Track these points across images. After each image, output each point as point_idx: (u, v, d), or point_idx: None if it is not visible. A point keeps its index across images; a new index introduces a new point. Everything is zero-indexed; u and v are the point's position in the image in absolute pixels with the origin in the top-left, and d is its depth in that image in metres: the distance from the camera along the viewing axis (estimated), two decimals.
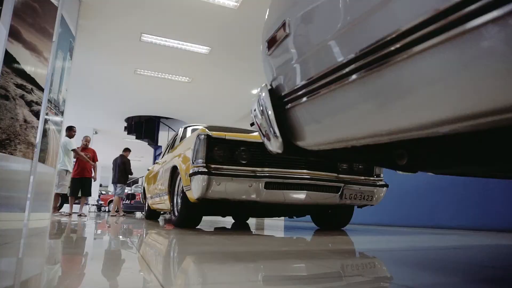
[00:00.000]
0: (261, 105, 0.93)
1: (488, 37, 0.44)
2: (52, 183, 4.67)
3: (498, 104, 0.44)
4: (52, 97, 4.25)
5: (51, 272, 1.03)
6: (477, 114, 0.47)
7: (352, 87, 0.64)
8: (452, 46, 0.49)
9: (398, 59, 0.55)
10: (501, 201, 3.76)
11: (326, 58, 0.67)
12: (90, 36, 6.32)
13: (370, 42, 0.59)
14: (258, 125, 0.98)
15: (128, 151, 8.01)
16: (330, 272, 1.04)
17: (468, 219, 4.01)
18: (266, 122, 0.91)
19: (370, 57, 0.57)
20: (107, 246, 1.95)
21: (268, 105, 0.90)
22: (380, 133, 0.61)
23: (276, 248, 1.77)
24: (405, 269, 1.17)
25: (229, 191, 2.66)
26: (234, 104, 10.05)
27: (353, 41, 0.63)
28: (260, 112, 0.94)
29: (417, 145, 0.87)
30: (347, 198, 3.10)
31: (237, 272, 1.01)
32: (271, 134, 0.89)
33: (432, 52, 0.51)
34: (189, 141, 3.08)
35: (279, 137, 0.88)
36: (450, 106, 0.51)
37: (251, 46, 6.57)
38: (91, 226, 3.72)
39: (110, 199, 16.98)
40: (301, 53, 0.78)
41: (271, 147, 0.92)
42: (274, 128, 0.88)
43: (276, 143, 0.89)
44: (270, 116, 0.89)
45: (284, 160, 2.83)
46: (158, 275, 0.93)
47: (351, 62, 0.61)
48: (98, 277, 0.96)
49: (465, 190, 4.11)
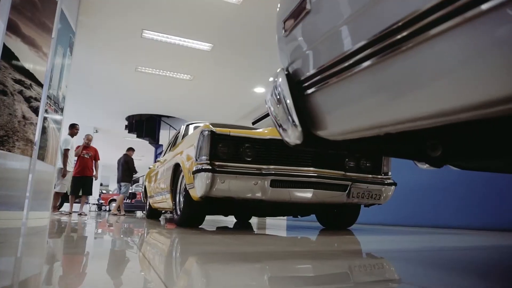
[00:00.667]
0: (277, 92, 0.85)
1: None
2: (51, 182, 4.59)
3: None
4: (52, 93, 4.16)
5: (49, 272, 0.95)
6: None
7: (395, 61, 0.55)
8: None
9: (452, 25, 0.46)
10: (508, 200, 3.67)
11: (362, 30, 0.59)
12: (91, 33, 6.24)
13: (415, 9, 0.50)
14: (273, 116, 0.89)
15: (132, 150, 8.15)
16: (342, 273, 0.96)
17: (474, 218, 3.92)
18: (283, 110, 0.83)
19: (420, 23, 0.49)
20: (107, 245, 1.86)
21: (286, 91, 0.81)
22: (427, 115, 0.52)
23: (286, 249, 1.69)
24: (427, 271, 1.08)
25: (233, 189, 2.57)
26: (236, 103, 9.96)
27: (391, 10, 0.54)
28: (276, 101, 0.86)
29: (451, 135, 0.78)
30: (354, 197, 3.01)
31: (246, 272, 0.92)
32: (289, 123, 0.80)
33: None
34: (192, 138, 2.99)
35: (298, 126, 0.79)
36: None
37: (253, 43, 6.48)
38: (91, 225, 3.64)
39: (111, 198, 16.92)
40: (325, 31, 0.69)
41: (289, 138, 0.83)
42: (293, 117, 0.79)
43: (294, 133, 0.80)
44: (288, 103, 0.80)
45: (290, 157, 2.75)
46: (162, 277, 0.85)
47: (394, 33, 0.52)
48: (99, 278, 0.88)
49: (470, 189, 4.03)
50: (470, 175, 4.04)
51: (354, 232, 3.18)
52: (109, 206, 16.61)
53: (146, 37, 6.30)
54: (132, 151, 8.15)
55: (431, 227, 4.33)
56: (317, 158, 2.80)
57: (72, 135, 6.49)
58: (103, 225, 3.74)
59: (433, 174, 4.52)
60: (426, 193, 4.59)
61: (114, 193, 17.81)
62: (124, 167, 7.80)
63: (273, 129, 2.83)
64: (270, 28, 6.07)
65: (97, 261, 1.24)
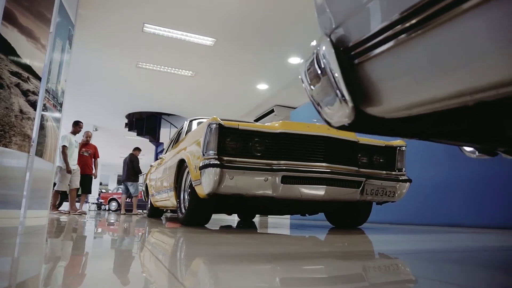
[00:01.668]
0: (320, 63, 0.70)
1: None
2: (50, 179, 4.43)
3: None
4: (50, 87, 4.00)
5: (47, 273, 0.80)
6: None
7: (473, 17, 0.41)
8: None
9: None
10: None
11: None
12: (90, 28, 6.07)
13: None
14: (313, 92, 0.75)
15: (138, 150, 8.32)
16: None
17: (490, 217, 3.77)
18: (327, 84, 0.68)
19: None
20: (111, 246, 1.72)
21: (332, 61, 0.67)
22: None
23: (312, 249, 1.54)
24: (473, 272, 0.94)
25: (242, 185, 2.42)
26: (238, 100, 9.81)
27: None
28: (317, 73, 0.71)
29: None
30: (368, 194, 2.87)
31: (261, 273, 0.78)
32: (338, 98, 0.65)
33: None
34: (198, 132, 2.84)
35: (349, 102, 0.64)
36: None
37: (257, 38, 6.33)
38: (91, 224, 3.49)
39: (111, 197, 16.76)
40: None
41: (335, 117, 0.69)
42: (342, 90, 0.65)
43: (344, 110, 0.65)
44: (336, 74, 0.66)
45: (301, 152, 2.60)
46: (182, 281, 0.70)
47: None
48: (102, 277, 0.73)
49: (484, 187, 3.88)
50: (483, 172, 3.90)
51: (367, 231, 3.04)
52: (109, 205, 16.45)
53: (147, 31, 6.14)
54: (138, 151, 8.27)
55: (442, 226, 4.19)
56: (329, 152, 2.65)
57: (75, 133, 6.36)
58: (104, 225, 3.60)
59: (443, 170, 4.38)
60: (435, 190, 4.45)
61: (114, 192, 17.66)
62: (129, 166, 7.89)
63: (284, 123, 2.68)
64: (275, 22, 5.94)
65: (98, 262, 1.09)
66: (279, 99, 9.58)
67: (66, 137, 6.13)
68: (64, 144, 6.03)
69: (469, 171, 4.08)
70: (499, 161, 3.71)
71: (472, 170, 4.05)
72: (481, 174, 3.96)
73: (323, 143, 2.63)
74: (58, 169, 6.05)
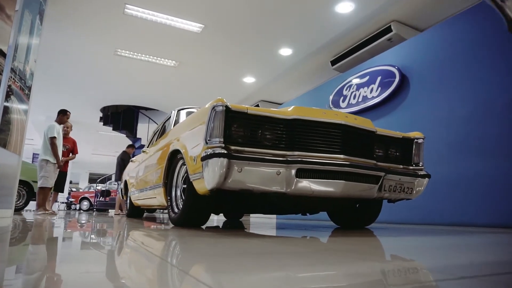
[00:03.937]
0: None
1: None
2: (15, 174, 3.85)
3: None
4: (17, 67, 3.44)
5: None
6: None
7: None
8: None
9: None
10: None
11: None
12: (63, 5, 5.44)
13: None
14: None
15: (132, 147, 8.02)
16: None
17: (502, 216, 3.61)
18: None
19: None
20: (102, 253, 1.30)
21: None
22: None
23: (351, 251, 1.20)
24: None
25: (252, 180, 2.04)
26: (223, 93, 9.36)
27: None
28: None
29: None
30: (386, 191, 2.58)
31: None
32: None
33: None
34: (198, 117, 2.44)
35: None
36: None
37: (246, 27, 5.95)
38: (91, 225, 3.01)
39: (82, 196, 15.89)
40: None
41: None
42: None
43: None
44: None
45: (317, 142, 2.26)
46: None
47: None
48: None
49: (497, 184, 3.72)
50: (494, 171, 3.74)
51: (377, 232, 2.74)
52: (80, 204, 15.59)
53: (129, 13, 5.60)
54: (131, 148, 7.94)
55: (457, 226, 3.98)
56: (348, 143, 2.33)
57: (61, 123, 5.76)
58: (106, 230, 3.13)
59: (453, 169, 4.17)
60: (450, 189, 4.23)
61: (86, 191, 16.77)
62: (120, 165, 7.49)
63: (297, 108, 2.32)
64: (268, 9, 5.56)
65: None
66: (265, 94, 9.25)
67: (54, 127, 5.50)
68: (54, 135, 5.41)
69: (478, 170, 3.91)
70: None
71: (482, 169, 3.88)
72: (485, 173, 3.80)
73: (342, 132, 2.31)
74: (44, 163, 5.42)
